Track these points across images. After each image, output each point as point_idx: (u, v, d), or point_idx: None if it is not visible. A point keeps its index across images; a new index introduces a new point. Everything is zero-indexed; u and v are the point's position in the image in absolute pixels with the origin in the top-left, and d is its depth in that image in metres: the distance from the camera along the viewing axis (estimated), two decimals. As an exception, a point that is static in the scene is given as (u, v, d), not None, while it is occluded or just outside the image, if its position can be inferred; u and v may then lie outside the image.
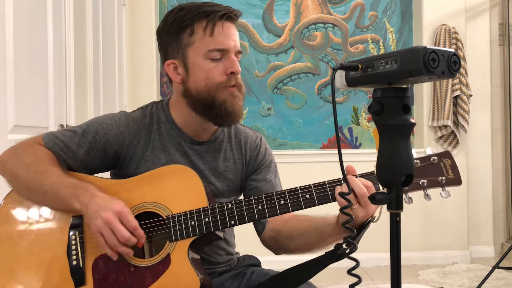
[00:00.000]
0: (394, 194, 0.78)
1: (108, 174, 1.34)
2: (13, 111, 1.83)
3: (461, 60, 3.56)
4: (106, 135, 1.24)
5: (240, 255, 1.45)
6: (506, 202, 3.89)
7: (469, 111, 3.63)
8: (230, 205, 1.16)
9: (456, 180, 1.11)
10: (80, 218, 1.18)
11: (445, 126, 3.65)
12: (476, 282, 3.07)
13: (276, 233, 1.32)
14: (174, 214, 1.17)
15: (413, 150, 0.99)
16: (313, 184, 1.16)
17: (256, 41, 3.79)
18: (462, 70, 3.63)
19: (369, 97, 3.86)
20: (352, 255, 1.02)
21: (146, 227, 1.19)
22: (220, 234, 1.19)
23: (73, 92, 2.39)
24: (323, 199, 1.15)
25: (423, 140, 3.73)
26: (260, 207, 1.16)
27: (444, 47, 3.24)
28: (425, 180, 1.11)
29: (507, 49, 3.85)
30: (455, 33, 3.64)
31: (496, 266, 2.87)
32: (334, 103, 0.80)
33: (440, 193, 1.11)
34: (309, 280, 1.23)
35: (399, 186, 0.78)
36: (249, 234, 1.38)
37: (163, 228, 1.17)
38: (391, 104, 0.77)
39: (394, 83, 0.78)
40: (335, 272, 1.21)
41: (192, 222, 1.15)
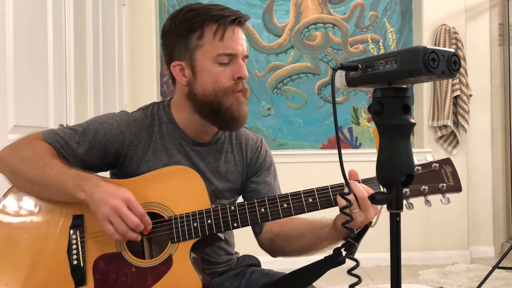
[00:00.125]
0: (394, 194, 0.78)
1: (107, 174, 1.34)
2: (13, 111, 1.83)
3: (461, 60, 3.56)
4: (107, 134, 1.24)
5: (240, 255, 1.46)
6: (506, 202, 3.89)
7: (469, 111, 3.62)
8: (233, 208, 1.16)
9: (456, 187, 1.13)
10: (81, 217, 1.18)
11: (445, 126, 3.65)
12: (476, 282, 3.07)
13: (273, 235, 1.32)
14: (177, 215, 1.16)
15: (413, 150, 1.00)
16: (316, 188, 1.16)
17: (256, 41, 3.79)
18: (462, 70, 3.63)
19: (369, 97, 3.85)
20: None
21: None
22: (222, 235, 1.19)
23: (73, 92, 2.39)
24: (325, 203, 1.15)
25: (423, 140, 3.73)
26: (263, 210, 1.15)
27: (444, 47, 3.23)
28: (426, 187, 1.12)
29: (507, 49, 3.85)
30: (455, 33, 3.64)
31: (496, 266, 2.87)
32: (334, 103, 0.80)
33: (441, 199, 1.13)
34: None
35: (399, 186, 0.78)
36: (248, 234, 1.38)
37: (165, 229, 1.17)
38: (391, 104, 0.77)
39: (394, 83, 0.78)
40: (335, 272, 1.21)
41: (195, 224, 1.15)
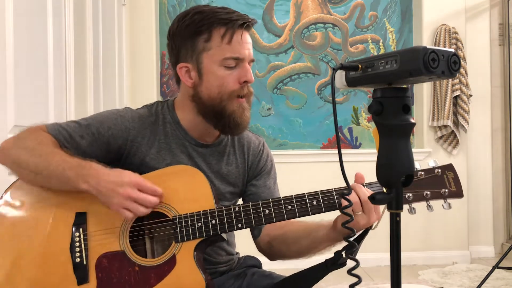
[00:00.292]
0: (394, 194, 0.78)
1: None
2: (13, 111, 1.83)
3: (461, 60, 3.56)
4: (111, 129, 1.23)
5: (241, 256, 1.46)
6: (506, 202, 3.89)
7: (469, 111, 3.62)
8: (237, 208, 1.16)
9: (457, 193, 1.15)
10: (84, 215, 1.18)
11: (445, 126, 3.65)
12: (476, 282, 3.07)
13: (271, 238, 1.32)
14: (181, 215, 1.16)
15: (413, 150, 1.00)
16: (320, 191, 1.16)
17: (256, 41, 3.79)
18: (462, 70, 3.63)
19: (369, 97, 3.85)
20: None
21: (152, 227, 1.19)
22: (224, 236, 1.19)
23: (73, 92, 2.39)
24: (330, 206, 1.15)
25: (423, 140, 3.73)
26: (267, 211, 1.16)
27: (444, 47, 3.24)
28: (428, 192, 1.14)
29: (507, 49, 3.85)
30: (455, 33, 3.64)
31: (496, 266, 2.87)
32: (334, 103, 0.80)
33: (442, 204, 1.14)
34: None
35: (399, 186, 0.78)
36: (249, 235, 1.38)
37: (169, 229, 1.17)
38: (391, 104, 0.78)
39: (394, 83, 0.78)
40: (335, 272, 1.21)
41: (199, 224, 1.15)
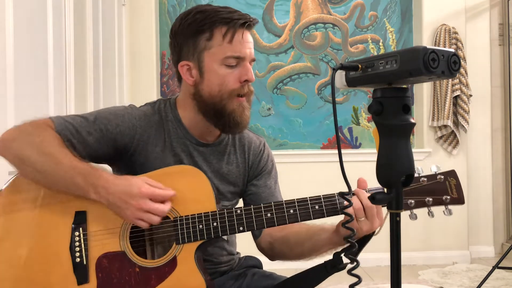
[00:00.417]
0: (394, 194, 0.78)
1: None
2: (13, 111, 1.83)
3: (461, 60, 3.56)
4: (119, 126, 1.22)
5: (242, 256, 1.45)
6: (506, 202, 3.89)
7: (469, 111, 3.62)
8: (239, 211, 1.16)
9: (459, 200, 1.15)
10: (83, 214, 1.16)
11: (445, 126, 3.65)
12: (476, 282, 3.07)
13: (273, 239, 1.32)
14: (182, 216, 1.16)
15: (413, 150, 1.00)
16: (323, 196, 1.16)
17: (256, 41, 3.79)
18: (462, 70, 3.62)
19: (369, 97, 3.85)
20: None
21: (153, 228, 1.18)
22: (225, 236, 1.19)
23: (73, 92, 2.39)
24: (332, 211, 1.16)
25: (423, 140, 3.73)
26: (269, 215, 1.16)
27: (444, 47, 3.23)
28: (430, 198, 1.14)
29: (507, 49, 3.85)
30: (455, 33, 3.64)
31: (496, 266, 2.87)
32: (334, 103, 0.80)
33: (443, 211, 1.14)
34: None
35: (399, 186, 0.78)
36: (250, 235, 1.38)
37: (170, 230, 1.17)
38: (391, 104, 0.77)
39: (394, 83, 0.78)
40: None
41: (200, 226, 1.15)
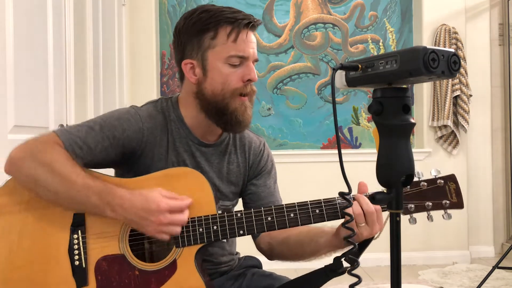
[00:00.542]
0: (394, 194, 0.78)
1: (107, 171, 1.32)
2: (13, 111, 1.83)
3: (461, 60, 3.56)
4: (126, 131, 1.20)
5: (241, 256, 1.45)
6: (506, 202, 3.89)
7: (469, 111, 3.62)
8: (239, 214, 1.16)
9: (458, 204, 1.15)
10: (81, 216, 1.15)
11: (445, 126, 3.65)
12: (476, 282, 3.07)
13: (272, 239, 1.32)
14: None
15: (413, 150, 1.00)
16: (323, 200, 1.16)
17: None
18: (462, 70, 3.62)
19: (369, 97, 3.85)
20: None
21: None
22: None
23: (73, 92, 2.39)
24: (332, 215, 1.16)
25: (423, 140, 3.73)
26: (269, 218, 1.16)
27: (444, 47, 3.24)
28: (430, 203, 1.14)
29: (507, 49, 3.85)
30: (455, 33, 3.64)
31: (496, 266, 2.87)
32: (334, 103, 0.80)
33: (442, 215, 1.14)
34: None
35: (399, 186, 0.78)
36: (249, 235, 1.38)
37: None
38: (391, 104, 0.78)
39: (394, 83, 0.78)
40: (335, 272, 1.21)
41: (200, 229, 1.14)
